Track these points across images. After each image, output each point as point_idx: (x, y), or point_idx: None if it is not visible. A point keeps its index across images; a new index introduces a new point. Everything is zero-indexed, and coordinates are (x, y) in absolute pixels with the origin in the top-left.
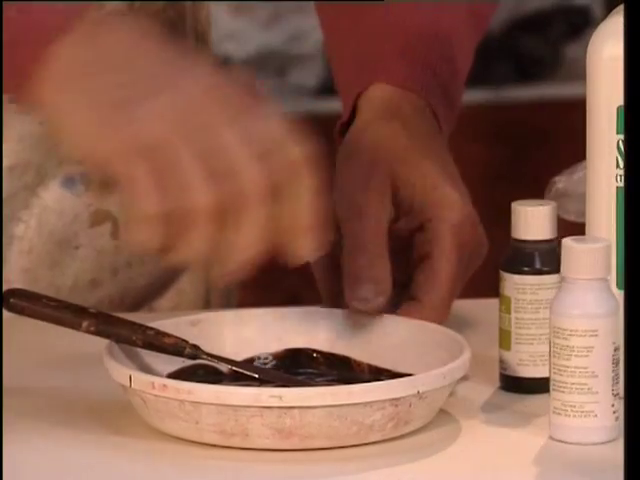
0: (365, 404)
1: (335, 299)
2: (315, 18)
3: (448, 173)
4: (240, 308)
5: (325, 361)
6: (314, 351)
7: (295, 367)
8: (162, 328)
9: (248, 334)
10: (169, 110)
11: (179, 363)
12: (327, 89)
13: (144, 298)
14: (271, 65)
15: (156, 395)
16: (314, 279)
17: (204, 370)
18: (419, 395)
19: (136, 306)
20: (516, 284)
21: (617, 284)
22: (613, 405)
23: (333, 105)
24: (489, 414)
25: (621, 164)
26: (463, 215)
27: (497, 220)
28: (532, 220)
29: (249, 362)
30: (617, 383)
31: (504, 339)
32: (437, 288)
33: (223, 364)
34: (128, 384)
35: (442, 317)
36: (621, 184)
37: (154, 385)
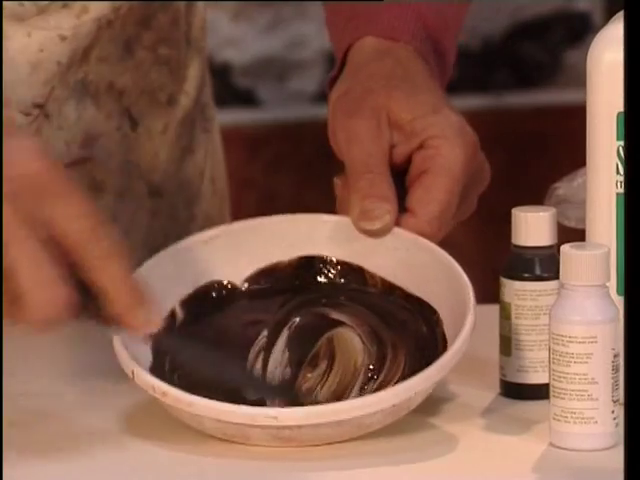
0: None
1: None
2: (315, 24)
3: (447, 101)
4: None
5: (338, 270)
6: (327, 259)
7: (309, 275)
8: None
9: (261, 242)
10: None
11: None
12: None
13: None
14: (271, 71)
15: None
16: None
17: (217, 289)
18: (416, 394)
19: None
20: (516, 290)
21: (617, 290)
22: (613, 411)
23: None
24: (489, 420)
25: (621, 170)
26: (465, 135)
27: (497, 226)
28: (532, 226)
29: (266, 272)
30: (617, 389)
31: (504, 345)
32: (434, 202)
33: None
34: (131, 377)
35: (436, 232)
36: (621, 190)
37: (154, 389)
